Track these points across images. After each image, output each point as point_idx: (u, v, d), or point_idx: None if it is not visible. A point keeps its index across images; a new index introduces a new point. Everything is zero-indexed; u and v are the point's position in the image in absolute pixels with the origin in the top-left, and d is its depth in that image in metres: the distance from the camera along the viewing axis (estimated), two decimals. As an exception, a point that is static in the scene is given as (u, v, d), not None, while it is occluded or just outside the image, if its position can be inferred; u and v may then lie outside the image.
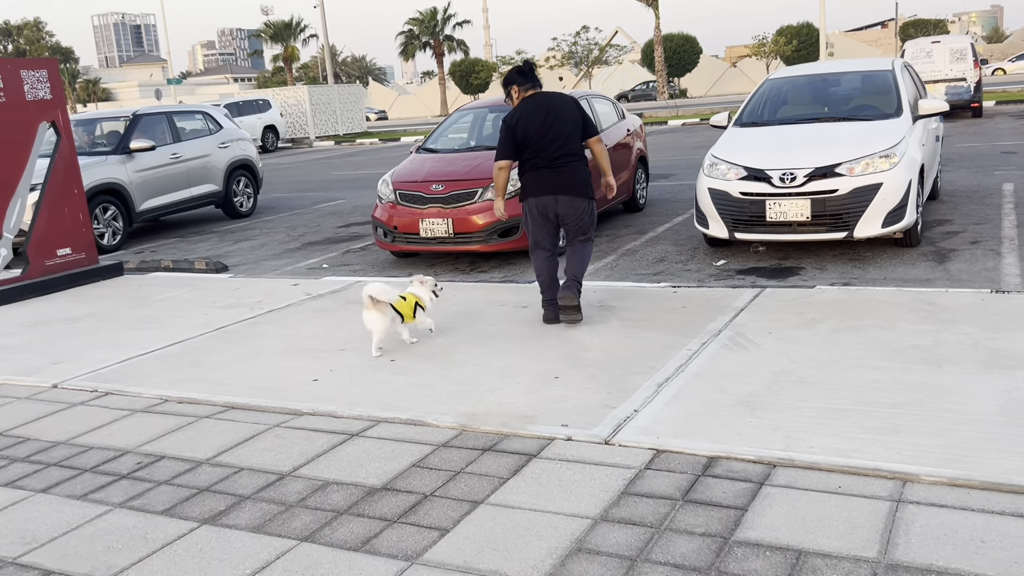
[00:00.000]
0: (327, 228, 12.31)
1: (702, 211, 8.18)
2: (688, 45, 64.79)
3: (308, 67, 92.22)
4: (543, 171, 5.79)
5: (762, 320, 5.49)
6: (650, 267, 8.14)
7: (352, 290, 7.45)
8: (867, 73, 9.12)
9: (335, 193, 16.93)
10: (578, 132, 5.91)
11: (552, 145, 5.76)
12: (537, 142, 5.75)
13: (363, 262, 9.57)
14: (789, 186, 7.53)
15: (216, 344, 6.00)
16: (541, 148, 5.76)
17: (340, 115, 38.50)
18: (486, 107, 10.45)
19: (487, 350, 5.34)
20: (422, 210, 8.63)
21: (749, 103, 9.18)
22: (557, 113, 5.80)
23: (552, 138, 5.76)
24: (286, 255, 10.38)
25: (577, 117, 5.92)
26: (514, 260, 8.89)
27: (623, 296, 6.50)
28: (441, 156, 9.48)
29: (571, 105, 5.93)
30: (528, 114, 5.80)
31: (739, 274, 7.58)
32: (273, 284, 8.06)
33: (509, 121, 5.84)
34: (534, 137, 5.75)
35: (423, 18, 60.16)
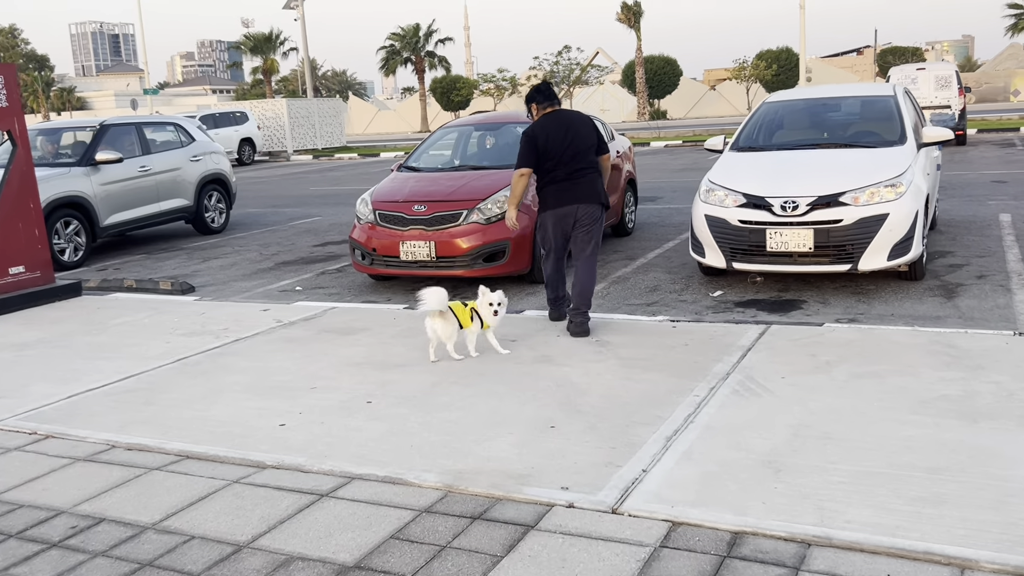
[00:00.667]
0: (302, 247, 11.80)
1: (698, 239, 7.77)
2: (668, 67, 64.84)
3: (288, 80, 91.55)
4: (563, 183, 6.09)
5: (772, 362, 5.06)
6: (643, 296, 7.70)
7: (326, 317, 6.95)
8: (868, 98, 8.78)
9: (312, 209, 16.41)
10: (593, 147, 6.21)
11: (572, 158, 6.07)
12: (558, 155, 6.05)
13: (339, 285, 9.07)
14: (791, 215, 7.13)
15: (175, 378, 5.47)
16: (561, 161, 6.06)
17: (319, 129, 37.95)
18: (471, 125, 10.01)
19: (474, 391, 4.86)
20: (403, 232, 8.16)
21: (746, 127, 8.80)
22: (576, 129, 6.14)
23: (572, 152, 6.07)
24: (257, 276, 9.85)
25: (593, 133, 6.25)
26: (499, 286, 8.40)
27: (619, 330, 6.04)
28: (424, 175, 9.01)
29: (588, 122, 6.29)
30: (549, 129, 6.10)
31: (738, 307, 7.16)
32: (241, 309, 7.53)
33: (531, 133, 6.12)
34: (555, 151, 6.05)
35: (405, 34, 59.79)
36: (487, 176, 8.58)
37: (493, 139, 9.66)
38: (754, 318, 6.74)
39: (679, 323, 6.20)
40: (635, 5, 53.21)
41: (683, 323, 6.19)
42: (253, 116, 33.65)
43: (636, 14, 53.36)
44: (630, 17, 53.45)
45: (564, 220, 6.14)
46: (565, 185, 6.08)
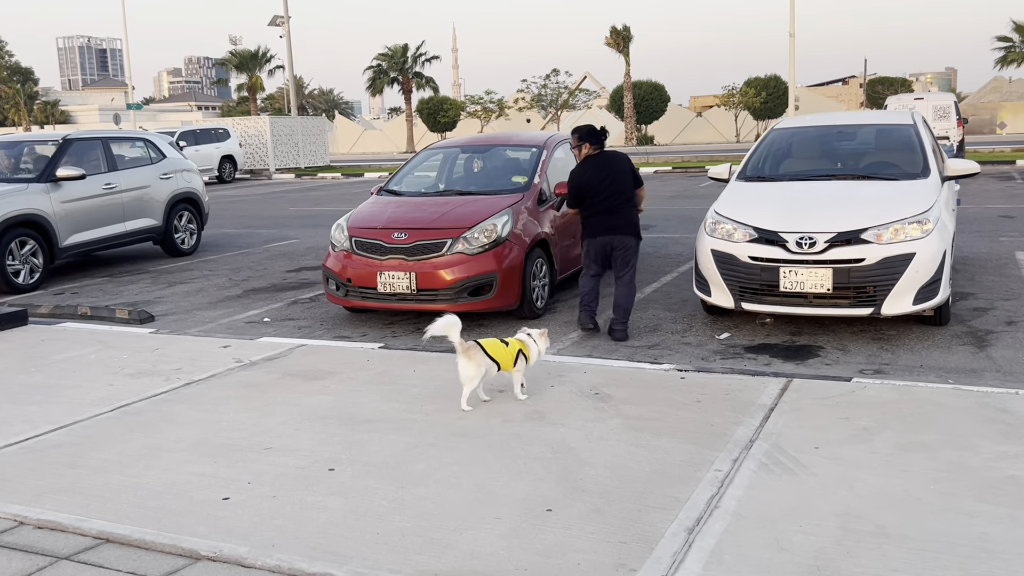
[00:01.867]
0: (275, 272, 11.07)
1: (703, 276, 7.11)
2: (656, 93, 64.64)
3: (274, 98, 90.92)
4: (602, 216, 6.96)
5: (801, 427, 4.38)
6: (643, 338, 7.03)
7: (292, 357, 6.23)
8: (886, 127, 8.18)
9: (289, 231, 15.69)
10: (631, 182, 7.08)
11: (609, 196, 6.93)
12: (596, 192, 6.93)
13: (310, 316, 8.35)
14: (807, 252, 6.49)
15: (111, 432, 4.74)
16: (600, 198, 6.93)
17: (302, 147, 37.23)
18: (458, 147, 9.35)
19: (456, 457, 4.16)
20: (381, 261, 7.46)
21: (753, 155, 8.18)
22: (614, 168, 7.03)
23: (610, 190, 6.94)
24: (224, 304, 9.12)
25: (629, 172, 7.11)
26: (485, 321, 7.73)
27: (619, 381, 5.36)
28: (405, 200, 8.33)
29: (625, 161, 7.13)
30: (590, 170, 7.00)
31: (748, 352, 6.50)
32: (200, 345, 6.80)
33: (573, 176, 7.10)
34: (594, 188, 6.94)
35: (392, 54, 59.22)
36: (474, 202, 7.92)
37: (481, 162, 9.01)
38: (768, 366, 6.08)
39: (687, 373, 5.52)
40: (624, 30, 52.95)
41: (691, 373, 5.51)
42: (235, 133, 32.91)
43: (625, 39, 53.09)
44: (619, 42, 53.17)
45: (603, 248, 7.01)
46: (602, 218, 6.95)
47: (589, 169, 6.98)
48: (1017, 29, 48.06)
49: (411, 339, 7.26)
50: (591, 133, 7.07)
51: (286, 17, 37.95)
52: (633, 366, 5.77)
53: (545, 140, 8.93)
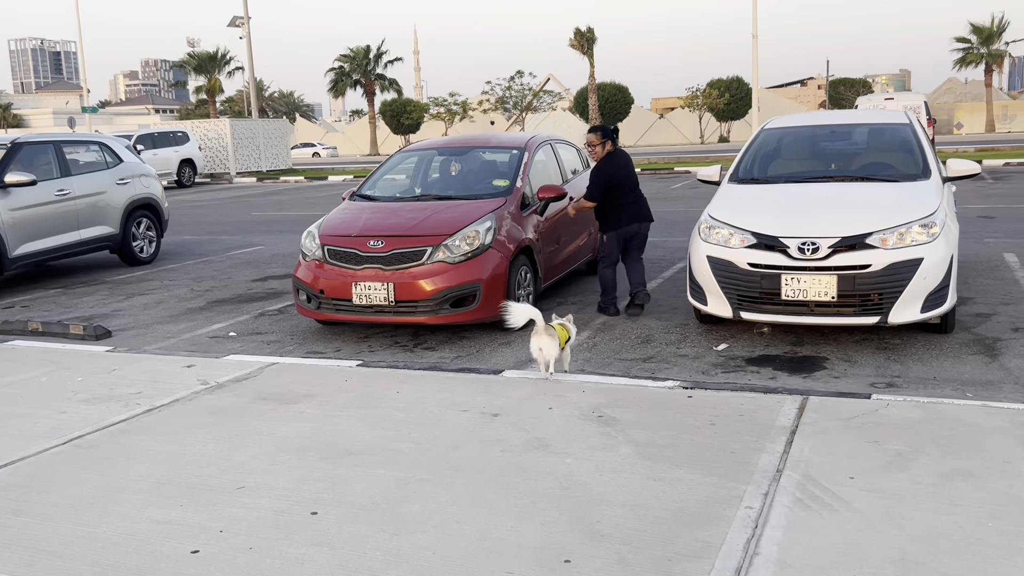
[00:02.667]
0: (239, 282, 10.53)
1: (698, 283, 6.74)
2: (620, 94, 64.76)
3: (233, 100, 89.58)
4: (631, 206, 7.67)
5: (829, 452, 4.01)
6: (636, 350, 6.64)
7: (263, 377, 5.75)
8: (881, 126, 7.88)
9: (253, 237, 15.11)
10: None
11: (635, 186, 7.76)
12: (626, 184, 7.65)
13: (280, 330, 7.85)
14: (810, 258, 6.15)
15: (62, 470, 4.23)
16: (629, 188, 7.67)
17: (264, 150, 36.46)
18: (434, 148, 8.90)
19: (454, 495, 3.72)
20: (356, 271, 7.00)
21: (745, 156, 7.83)
22: (631, 162, 7.85)
23: (635, 181, 7.80)
24: (186, 317, 8.58)
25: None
26: (467, 334, 7.30)
27: (623, 400, 4.96)
28: (381, 206, 7.86)
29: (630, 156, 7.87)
30: (619, 164, 7.66)
31: (750, 365, 6.13)
32: (161, 364, 6.28)
33: (602, 172, 7.61)
34: (624, 181, 7.64)
35: (355, 55, 58.49)
36: (454, 208, 7.48)
37: (459, 165, 8.57)
38: (774, 380, 5.72)
39: (694, 391, 5.14)
40: (588, 31, 52.73)
41: (698, 391, 5.13)
42: (194, 136, 32.10)
43: (589, 40, 52.87)
44: (583, 43, 52.95)
45: (632, 235, 7.69)
46: (633, 208, 7.67)
47: (618, 164, 7.64)
48: (975, 31, 48.70)
49: (389, 354, 6.80)
50: (613, 131, 7.81)
51: (246, 18, 37.19)
52: (635, 384, 5.37)
53: (526, 142, 8.52)
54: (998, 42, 48.09)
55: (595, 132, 7.76)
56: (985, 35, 48.02)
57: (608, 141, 7.69)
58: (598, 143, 7.66)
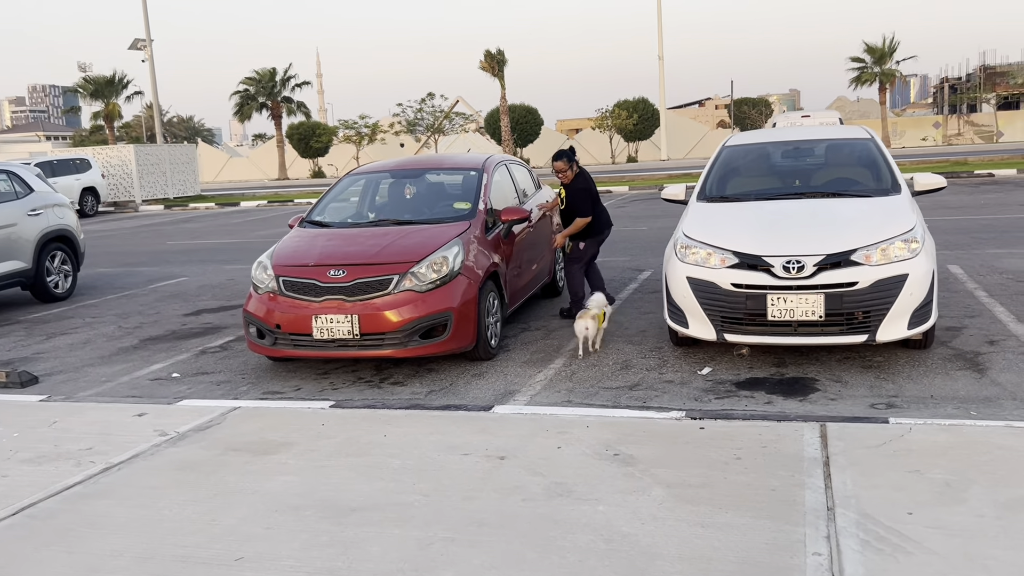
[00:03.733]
0: (170, 316, 9.85)
1: (678, 306, 6.51)
2: (530, 116, 64.98)
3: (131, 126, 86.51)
4: (602, 214, 8.30)
5: (875, 487, 3.77)
6: (618, 377, 6.35)
7: (228, 424, 5.23)
8: (843, 142, 7.83)
9: (173, 268, 14.31)
10: None
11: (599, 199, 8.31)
12: (597, 196, 8.24)
13: (227, 368, 7.29)
14: (796, 277, 5.98)
15: (18, 548, 3.66)
16: (598, 199, 8.25)
17: (170, 177, 35.08)
18: (385, 171, 8.47)
19: (488, 557, 3.33)
20: (316, 303, 6.52)
21: (711, 174, 7.67)
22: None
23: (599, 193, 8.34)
24: (120, 357, 7.91)
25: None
26: (434, 366, 6.90)
27: (633, 435, 4.64)
28: (336, 232, 7.39)
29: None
30: (590, 180, 8.17)
31: (740, 388, 5.91)
32: (108, 414, 5.68)
33: (588, 189, 8.11)
34: (597, 193, 8.24)
35: (260, 78, 57.10)
36: (417, 232, 7.08)
37: (414, 188, 8.17)
38: (770, 404, 5.51)
39: (702, 421, 4.87)
40: (499, 54, 52.83)
41: (709, 422, 4.85)
42: (96, 163, 30.64)
43: (500, 62, 52.96)
44: (494, 65, 53.01)
45: (601, 240, 8.35)
46: (605, 216, 8.36)
47: (590, 179, 8.19)
48: (869, 51, 50.67)
49: (356, 392, 6.35)
50: (572, 153, 8.25)
51: (148, 40, 35.88)
52: (639, 416, 5.06)
53: (483, 162, 8.20)
54: (890, 61, 50.20)
55: (561, 159, 8.06)
56: (878, 55, 50.02)
57: (575, 163, 8.11)
58: (567, 168, 8.02)
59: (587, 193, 8.04)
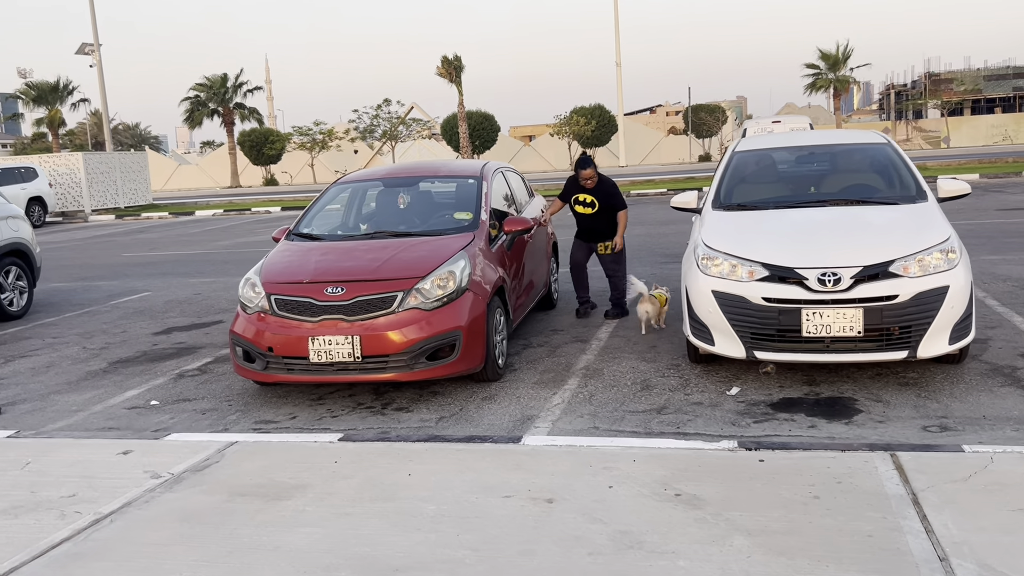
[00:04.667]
0: (138, 336, 9.20)
1: (702, 322, 6.10)
2: (487, 123, 64.61)
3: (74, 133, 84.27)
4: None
5: (980, 529, 3.38)
6: (640, 399, 5.92)
7: (228, 463, 4.68)
8: (861, 147, 7.50)
9: (133, 282, 13.57)
10: None
11: None
12: None
13: (210, 394, 6.71)
14: (832, 290, 5.62)
15: (5, 626, 3.10)
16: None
17: (121, 185, 33.94)
18: (377, 180, 7.95)
19: (568, 627, 2.86)
20: (312, 323, 5.99)
21: (723, 180, 7.28)
22: None
23: None
24: (89, 383, 7.28)
25: None
26: (438, 389, 6.41)
27: (688, 470, 4.21)
28: (330, 246, 6.85)
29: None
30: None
31: (777, 411, 5.52)
32: (89, 452, 5.08)
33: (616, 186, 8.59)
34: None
35: (211, 84, 55.83)
36: (419, 245, 6.59)
37: (407, 197, 7.67)
38: (814, 428, 5.14)
39: (758, 452, 4.45)
40: (456, 60, 52.28)
41: (766, 452, 4.44)
42: (43, 172, 29.49)
43: (457, 68, 52.43)
44: (450, 71, 52.46)
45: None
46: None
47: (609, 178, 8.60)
48: (823, 57, 51.26)
49: (358, 419, 5.84)
50: (592, 160, 8.51)
51: (96, 45, 34.73)
52: (688, 447, 4.62)
53: (480, 170, 7.73)
54: (844, 68, 50.86)
55: (590, 166, 8.38)
56: (832, 61, 50.68)
57: (593, 167, 8.40)
58: (594, 174, 8.38)
59: (617, 188, 8.51)
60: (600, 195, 8.40)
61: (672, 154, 67.08)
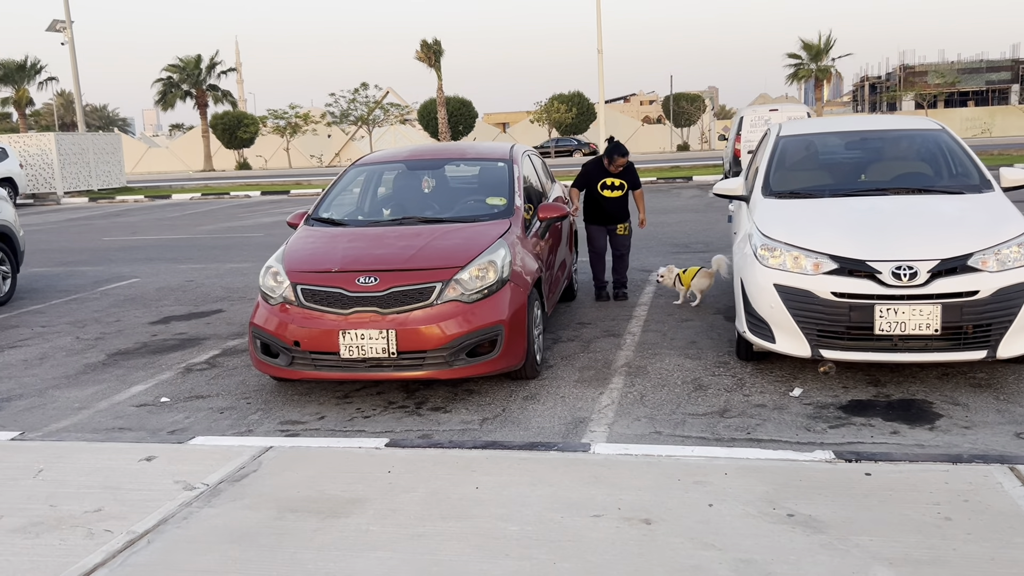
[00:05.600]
0: (135, 325, 8.65)
1: (761, 318, 5.70)
2: (465, 109, 64.08)
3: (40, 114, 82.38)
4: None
5: None
6: (697, 400, 5.51)
7: (267, 472, 4.21)
8: (914, 133, 7.12)
9: (119, 267, 12.94)
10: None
11: None
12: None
13: (225, 391, 6.22)
14: (907, 285, 5.24)
15: None
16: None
17: (95, 168, 32.95)
18: (399, 161, 7.46)
19: None
20: (343, 316, 5.51)
21: (772, 166, 6.87)
22: None
23: None
24: (89, 377, 6.75)
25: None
26: (472, 387, 5.97)
27: (792, 487, 3.80)
28: (357, 232, 6.36)
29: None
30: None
31: (850, 414, 5.14)
32: (108, 458, 4.57)
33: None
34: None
35: (185, 65, 54.57)
36: (453, 233, 6.12)
37: (432, 181, 7.19)
38: (897, 435, 4.77)
39: (860, 464, 4.05)
40: (435, 44, 51.69)
41: (869, 465, 4.04)
42: (14, 153, 28.50)
43: (436, 53, 51.84)
44: (430, 56, 51.84)
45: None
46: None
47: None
48: (805, 47, 51.15)
49: (394, 420, 5.39)
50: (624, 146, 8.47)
51: (68, 22, 33.68)
52: (784, 459, 4.20)
53: (510, 152, 7.27)
54: (826, 58, 50.80)
55: (625, 155, 8.38)
56: (814, 51, 50.59)
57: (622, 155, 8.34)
58: (626, 162, 8.38)
59: (635, 168, 8.61)
60: (627, 177, 8.45)
61: (650, 143, 66.83)
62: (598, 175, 8.35)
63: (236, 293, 10.17)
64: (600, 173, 8.35)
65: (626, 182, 8.40)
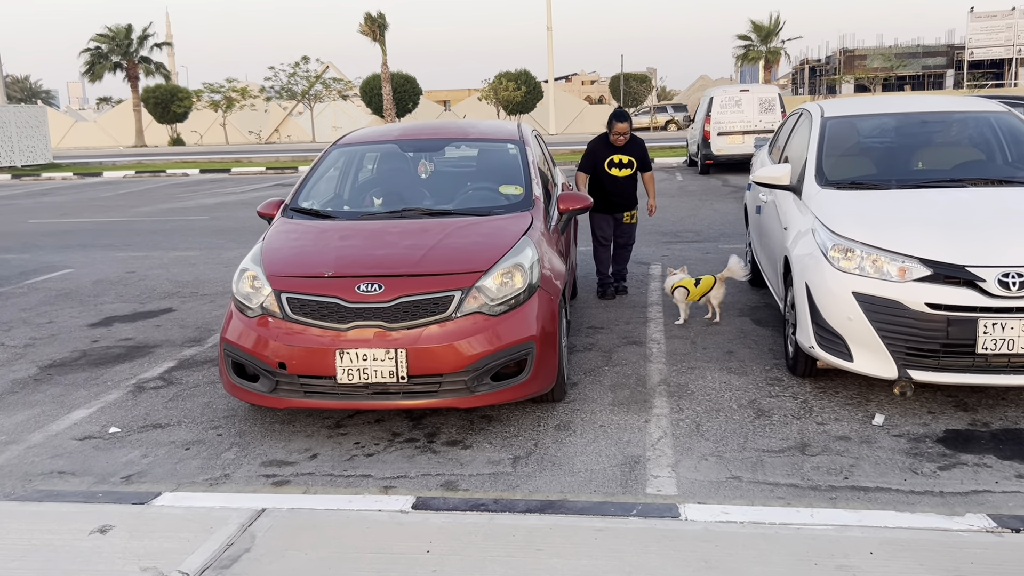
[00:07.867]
0: (71, 329, 7.44)
1: (835, 331, 4.84)
2: (408, 85, 62.45)
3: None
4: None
5: None
6: (766, 432, 4.63)
7: (268, 554, 3.18)
8: (981, 115, 6.29)
9: (50, 256, 11.57)
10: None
11: None
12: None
13: (187, 417, 5.14)
14: (1018, 295, 4.42)
15: None
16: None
17: (17, 142, 30.81)
18: (389, 141, 6.40)
19: None
20: (341, 331, 4.48)
21: (822, 152, 5.98)
22: None
23: None
24: (20, 398, 5.59)
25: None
26: (490, 413, 4.99)
27: (960, 572, 2.92)
28: (353, 227, 5.29)
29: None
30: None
31: (954, 450, 4.32)
32: (46, 529, 3.47)
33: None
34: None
35: (115, 35, 51.88)
36: (466, 228, 5.11)
37: (431, 165, 6.15)
38: (1021, 478, 3.93)
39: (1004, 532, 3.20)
40: (380, 17, 49.87)
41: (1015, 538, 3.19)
42: (-73, 125, 26.41)
43: (381, 27, 50.00)
44: (374, 30, 50.01)
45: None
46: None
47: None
48: (756, 29, 50.85)
49: (401, 458, 4.43)
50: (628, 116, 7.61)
51: (-14, -16, 31.31)
52: (929, 526, 3.32)
53: (519, 130, 6.29)
54: (775, 40, 50.58)
55: (626, 120, 7.46)
56: (764, 33, 50.30)
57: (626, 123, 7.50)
58: (629, 129, 7.45)
59: (645, 146, 7.71)
60: (636, 154, 7.57)
61: (596, 123, 66.07)
62: (604, 152, 7.44)
63: (186, 288, 8.99)
64: (606, 150, 7.45)
65: (635, 159, 7.50)
